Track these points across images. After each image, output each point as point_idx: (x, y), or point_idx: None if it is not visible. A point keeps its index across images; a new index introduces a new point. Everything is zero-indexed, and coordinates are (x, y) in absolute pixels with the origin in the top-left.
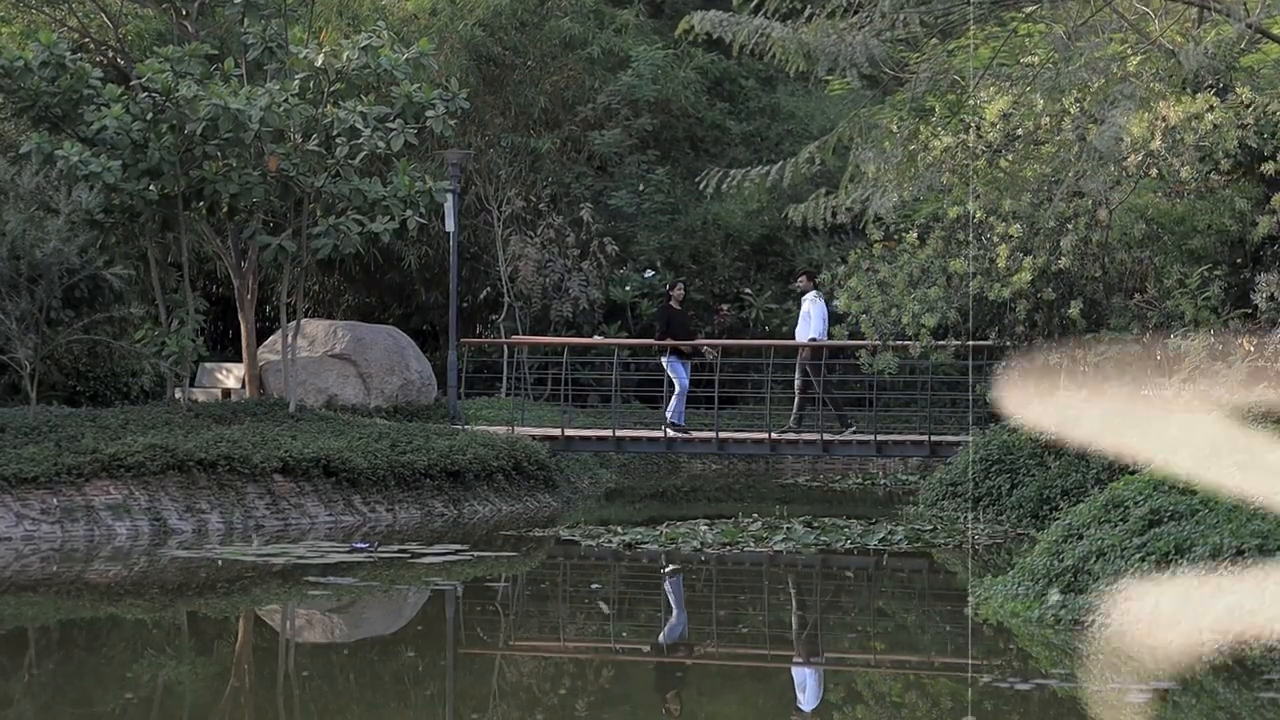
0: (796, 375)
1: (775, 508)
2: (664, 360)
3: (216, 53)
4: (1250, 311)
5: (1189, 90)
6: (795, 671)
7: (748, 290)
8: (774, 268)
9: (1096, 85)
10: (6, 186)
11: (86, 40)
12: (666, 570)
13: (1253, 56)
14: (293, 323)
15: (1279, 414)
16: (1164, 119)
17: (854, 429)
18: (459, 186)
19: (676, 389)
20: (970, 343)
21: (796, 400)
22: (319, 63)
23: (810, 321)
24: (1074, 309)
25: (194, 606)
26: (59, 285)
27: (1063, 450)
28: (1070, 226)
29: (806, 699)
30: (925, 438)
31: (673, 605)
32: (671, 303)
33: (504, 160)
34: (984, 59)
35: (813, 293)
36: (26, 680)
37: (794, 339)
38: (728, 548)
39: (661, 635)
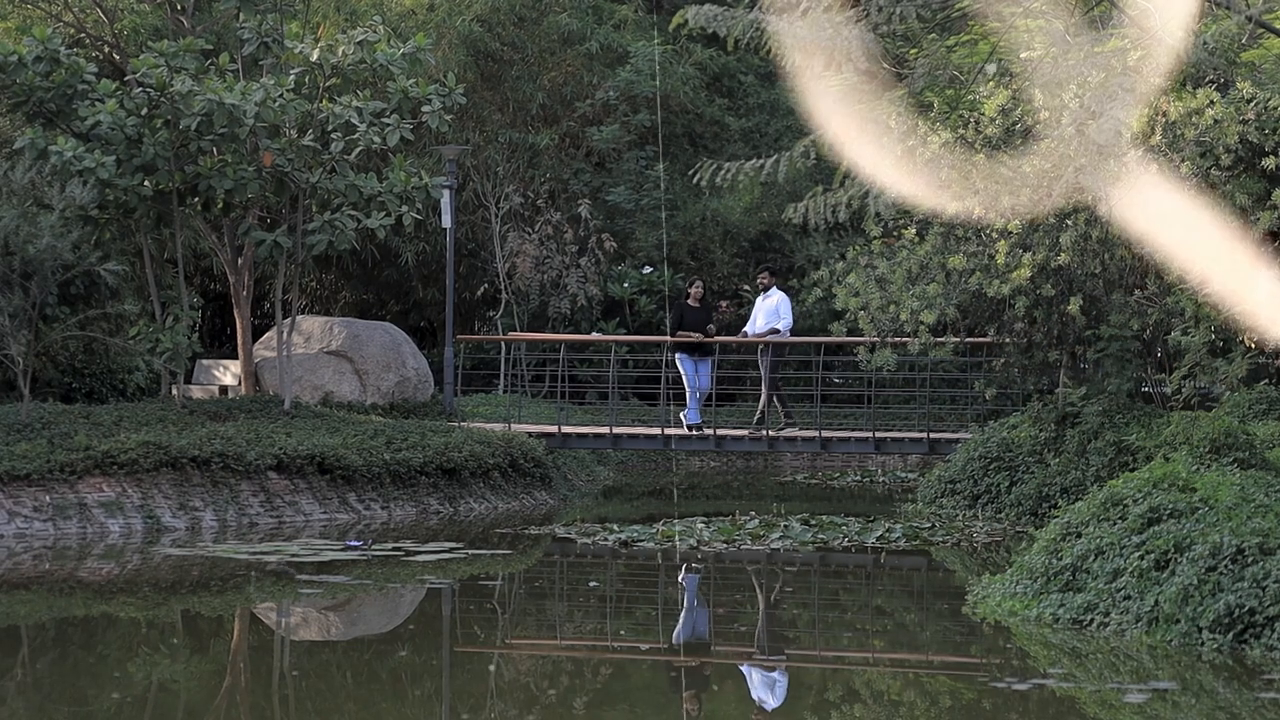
0: (765, 372)
1: (773, 505)
2: (676, 358)
3: (212, 48)
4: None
5: (1189, 85)
6: (786, 671)
7: (746, 287)
8: (776, 263)
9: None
10: (0, 182)
11: (82, 35)
12: (684, 571)
13: (1254, 51)
14: (288, 319)
15: None
16: (1164, 114)
17: (782, 429)
18: (456, 182)
19: (687, 389)
20: (969, 339)
21: (777, 396)
22: (314, 58)
23: (779, 315)
24: (1074, 305)
25: (187, 605)
26: (53, 281)
27: (1062, 448)
28: (1070, 222)
29: (781, 697)
30: (924, 435)
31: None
32: (689, 301)
33: (502, 156)
34: (983, 54)
35: (774, 288)
36: (19, 679)
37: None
38: (725, 545)
39: (658, 633)
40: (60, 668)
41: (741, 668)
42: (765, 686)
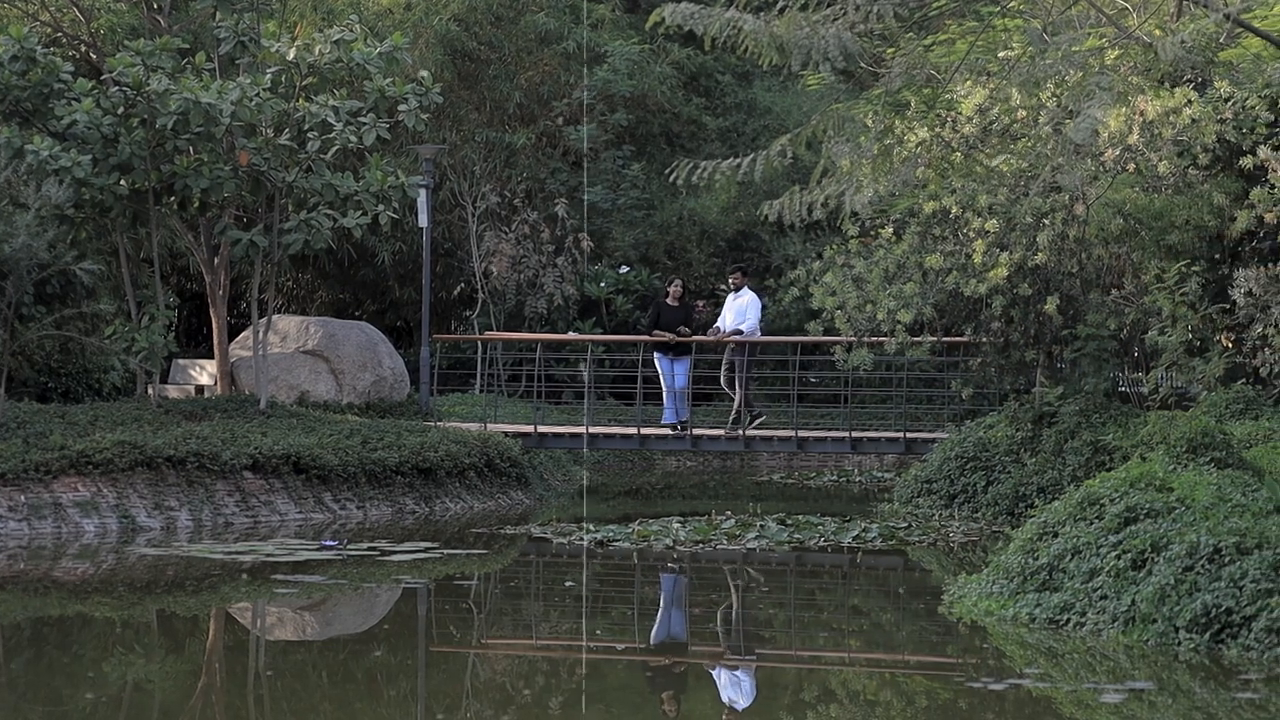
0: (738, 371)
1: (749, 505)
2: (655, 357)
3: (188, 47)
4: (1228, 307)
5: (1167, 84)
6: (759, 671)
7: (723, 286)
8: (750, 264)
9: (1074, 79)
10: None
11: (58, 34)
12: (660, 571)
13: (1231, 50)
14: (264, 319)
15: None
16: (1142, 113)
17: (761, 419)
18: (433, 182)
19: (664, 388)
20: (946, 339)
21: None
22: (291, 56)
23: (746, 315)
24: (1050, 304)
25: (163, 604)
26: (28, 280)
27: (1039, 447)
28: (1047, 221)
29: (754, 697)
30: (901, 435)
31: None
32: (668, 300)
33: (478, 155)
34: (960, 53)
35: (746, 288)
36: None
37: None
38: (701, 545)
39: (634, 633)
40: (35, 667)
41: (715, 668)
42: (738, 687)
